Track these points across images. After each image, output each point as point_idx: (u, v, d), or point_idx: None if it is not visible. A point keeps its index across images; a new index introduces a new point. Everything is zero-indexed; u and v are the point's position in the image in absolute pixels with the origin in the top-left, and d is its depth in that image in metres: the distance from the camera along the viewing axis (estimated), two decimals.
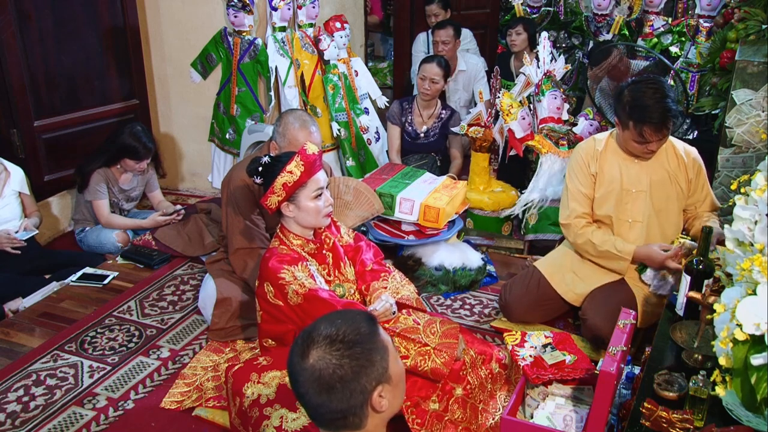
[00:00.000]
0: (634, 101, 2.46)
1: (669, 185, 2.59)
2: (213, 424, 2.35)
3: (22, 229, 3.25)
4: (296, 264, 2.17)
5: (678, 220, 2.67)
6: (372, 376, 1.21)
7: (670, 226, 2.65)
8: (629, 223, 2.65)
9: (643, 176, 2.60)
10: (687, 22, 4.86)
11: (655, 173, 2.59)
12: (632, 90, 2.50)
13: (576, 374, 2.19)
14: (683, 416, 1.59)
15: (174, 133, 4.44)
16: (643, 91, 2.46)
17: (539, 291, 2.81)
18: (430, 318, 2.27)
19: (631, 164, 2.62)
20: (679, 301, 2.11)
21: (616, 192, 2.64)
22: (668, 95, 2.44)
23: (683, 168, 2.58)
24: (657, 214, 2.62)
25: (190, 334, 2.86)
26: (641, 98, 2.45)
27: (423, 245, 3.25)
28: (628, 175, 2.62)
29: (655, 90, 2.44)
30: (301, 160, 2.15)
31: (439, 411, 2.13)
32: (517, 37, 4.66)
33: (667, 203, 2.61)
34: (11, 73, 3.39)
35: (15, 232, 3.21)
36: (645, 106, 2.44)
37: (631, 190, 2.62)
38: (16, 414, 2.37)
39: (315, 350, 1.21)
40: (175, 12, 4.09)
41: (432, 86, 3.87)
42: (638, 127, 2.47)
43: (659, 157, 2.58)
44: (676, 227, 2.67)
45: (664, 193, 2.60)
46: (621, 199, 2.64)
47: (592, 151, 2.69)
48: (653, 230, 2.64)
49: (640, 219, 2.63)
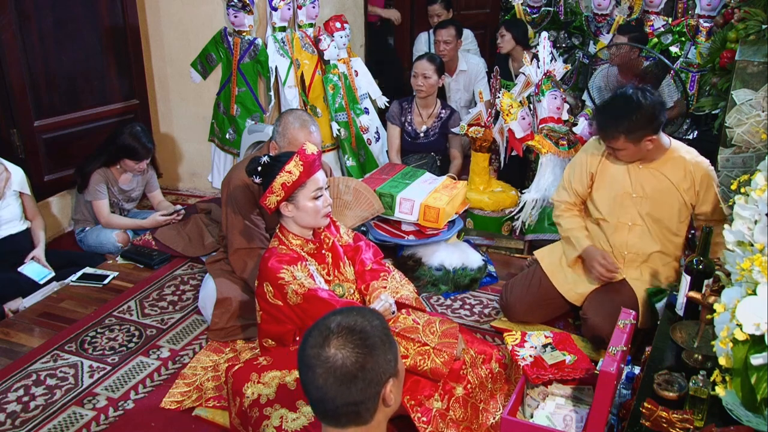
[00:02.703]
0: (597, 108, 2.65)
1: (670, 195, 2.57)
2: (213, 424, 2.35)
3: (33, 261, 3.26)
4: (295, 264, 2.17)
5: (679, 229, 2.64)
6: (386, 369, 1.23)
7: (670, 234, 2.64)
8: (629, 226, 2.65)
9: (645, 182, 2.60)
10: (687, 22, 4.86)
11: (659, 181, 2.58)
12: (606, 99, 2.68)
13: (576, 374, 2.19)
14: (683, 416, 1.59)
15: (174, 133, 4.44)
16: (609, 101, 2.62)
17: (540, 290, 2.81)
18: (430, 318, 2.27)
19: (635, 169, 2.62)
20: (679, 301, 2.11)
21: (617, 194, 2.65)
22: (629, 112, 2.42)
23: (690, 181, 2.55)
24: (657, 221, 2.61)
25: (190, 334, 2.86)
26: (602, 107, 2.64)
27: (423, 245, 3.25)
28: (631, 179, 2.62)
29: (618, 103, 2.48)
30: (300, 160, 2.15)
31: (442, 410, 2.13)
32: (502, 39, 4.68)
33: (668, 212, 2.60)
34: (11, 73, 3.39)
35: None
36: (600, 114, 2.58)
37: (632, 194, 2.62)
38: (16, 414, 2.37)
39: (335, 340, 1.21)
40: (175, 12, 4.09)
41: (425, 82, 3.86)
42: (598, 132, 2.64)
43: (665, 167, 2.57)
44: (677, 236, 2.65)
45: (664, 202, 2.59)
46: (621, 202, 2.64)
47: (598, 151, 2.70)
48: (652, 236, 2.64)
49: (639, 223, 2.63)
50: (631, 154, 2.54)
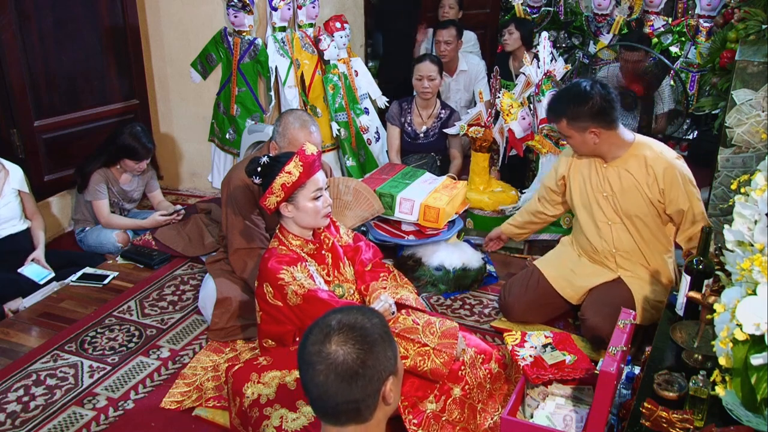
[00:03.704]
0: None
1: (636, 192, 2.58)
2: (213, 424, 2.34)
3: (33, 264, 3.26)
4: (295, 264, 2.17)
5: (659, 223, 2.63)
6: (387, 366, 1.24)
7: (653, 228, 2.64)
8: (609, 225, 2.68)
9: (612, 180, 2.62)
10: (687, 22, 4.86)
11: (624, 179, 2.60)
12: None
13: (576, 374, 2.19)
14: (683, 416, 1.59)
15: (174, 133, 4.44)
16: (564, 88, 2.76)
17: (539, 290, 2.82)
18: (429, 318, 2.26)
19: (601, 168, 2.65)
20: (679, 301, 2.11)
21: (590, 194, 2.69)
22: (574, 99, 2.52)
23: (652, 176, 2.54)
24: (632, 218, 2.62)
25: (190, 334, 2.86)
26: (557, 92, 2.85)
27: (423, 245, 3.25)
28: (599, 178, 2.65)
29: (570, 90, 2.60)
30: (300, 161, 2.15)
31: (436, 411, 2.13)
32: (510, 36, 4.66)
33: (639, 209, 2.60)
34: (11, 73, 3.39)
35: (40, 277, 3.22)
36: (553, 97, 2.77)
37: (603, 193, 2.66)
38: (16, 414, 2.37)
39: (336, 337, 1.22)
40: (175, 12, 4.09)
41: (431, 84, 3.87)
42: None
43: (628, 164, 2.59)
44: (659, 230, 2.65)
45: (633, 199, 2.60)
46: (596, 201, 2.68)
47: (570, 154, 2.78)
48: (634, 232, 2.64)
49: (617, 221, 2.66)
50: (578, 144, 2.61)
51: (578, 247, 2.84)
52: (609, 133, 2.54)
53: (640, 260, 2.68)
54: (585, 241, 2.77)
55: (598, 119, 2.50)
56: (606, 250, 2.71)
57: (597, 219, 2.69)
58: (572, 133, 2.58)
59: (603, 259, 2.74)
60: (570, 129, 2.57)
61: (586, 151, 2.63)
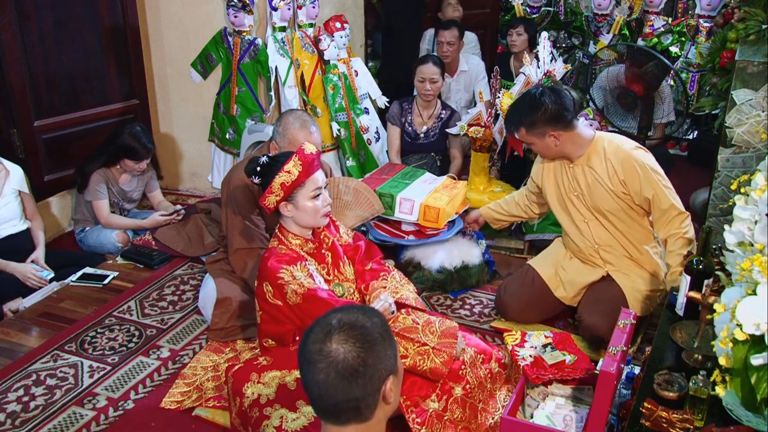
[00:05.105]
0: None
1: (600, 187, 2.60)
2: (213, 424, 2.35)
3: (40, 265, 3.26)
4: (295, 264, 2.17)
5: (630, 216, 2.63)
6: (387, 364, 1.24)
7: (626, 223, 2.65)
8: (586, 223, 2.71)
9: (579, 179, 2.65)
10: (687, 22, 4.86)
11: (588, 176, 2.63)
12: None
13: (576, 374, 2.19)
14: (683, 416, 1.59)
15: (174, 133, 4.44)
16: (517, 100, 2.78)
17: (534, 289, 2.84)
18: (429, 317, 2.26)
19: (568, 168, 2.68)
20: (679, 301, 2.11)
21: (563, 195, 2.73)
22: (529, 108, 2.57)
23: (612, 168, 2.56)
24: (605, 213, 2.64)
25: (190, 334, 2.86)
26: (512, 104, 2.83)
27: (420, 248, 3.25)
28: (568, 178, 2.69)
29: (523, 100, 2.64)
30: (299, 160, 2.15)
31: (438, 410, 2.13)
32: (518, 37, 4.66)
33: (608, 204, 2.61)
34: (11, 73, 3.39)
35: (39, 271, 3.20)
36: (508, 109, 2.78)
37: (573, 192, 2.69)
38: (16, 414, 2.37)
39: (337, 335, 1.22)
40: (175, 12, 4.09)
41: (433, 86, 3.88)
42: None
43: (590, 160, 2.61)
44: (636, 223, 2.66)
45: (599, 194, 2.62)
46: (570, 201, 2.71)
47: (541, 160, 2.82)
48: (610, 228, 2.66)
49: (592, 218, 2.69)
50: (542, 149, 2.65)
51: (568, 248, 2.88)
52: (568, 133, 2.58)
53: (623, 253, 2.71)
54: (569, 241, 2.82)
55: (553, 122, 2.55)
56: (589, 247, 2.74)
57: (575, 219, 2.73)
58: (533, 140, 2.62)
59: (589, 257, 2.77)
60: (530, 136, 2.61)
61: (551, 154, 2.67)
